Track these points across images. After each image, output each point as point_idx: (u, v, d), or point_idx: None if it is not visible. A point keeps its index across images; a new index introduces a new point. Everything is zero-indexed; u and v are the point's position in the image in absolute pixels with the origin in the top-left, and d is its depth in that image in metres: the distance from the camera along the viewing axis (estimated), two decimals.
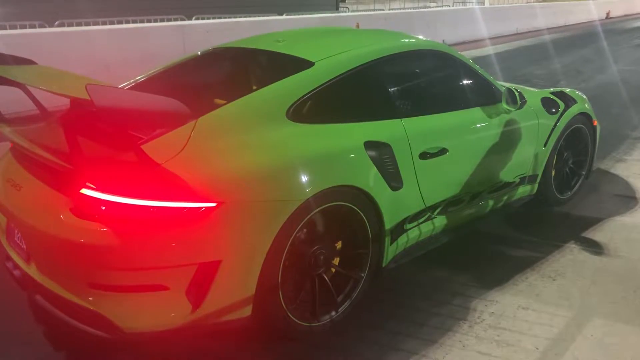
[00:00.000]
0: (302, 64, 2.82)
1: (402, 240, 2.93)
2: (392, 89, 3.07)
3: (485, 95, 3.47)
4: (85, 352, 2.53)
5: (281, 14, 11.50)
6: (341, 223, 2.63)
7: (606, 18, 26.33)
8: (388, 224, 2.77)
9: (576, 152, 4.14)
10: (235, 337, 2.55)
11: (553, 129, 3.79)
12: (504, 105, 3.40)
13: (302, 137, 2.52)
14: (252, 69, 3.28)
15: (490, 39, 15.52)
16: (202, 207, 2.14)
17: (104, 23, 8.93)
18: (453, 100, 3.34)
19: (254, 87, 2.80)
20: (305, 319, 2.54)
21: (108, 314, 2.14)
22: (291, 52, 3.07)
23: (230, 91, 2.82)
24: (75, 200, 2.15)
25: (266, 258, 2.29)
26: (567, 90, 4.16)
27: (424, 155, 2.90)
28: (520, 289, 3.01)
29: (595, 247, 3.49)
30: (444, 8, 21.81)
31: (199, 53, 3.48)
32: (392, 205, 2.76)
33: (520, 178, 3.67)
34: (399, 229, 2.88)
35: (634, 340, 2.59)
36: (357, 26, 10.43)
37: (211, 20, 9.85)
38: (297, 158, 2.43)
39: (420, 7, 24.33)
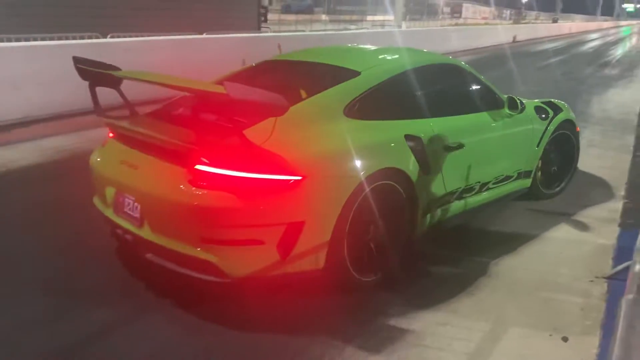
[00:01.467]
0: (350, 73, 3.49)
1: (429, 218, 3.53)
2: (421, 94, 3.72)
3: (491, 102, 4.16)
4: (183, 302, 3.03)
5: (201, 34, 11.34)
6: (388, 198, 3.18)
7: (513, 42, 28.10)
8: (420, 202, 3.37)
9: (563, 153, 4.80)
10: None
11: (544, 133, 4.50)
12: (507, 110, 4.14)
13: (358, 130, 3.16)
14: (311, 77, 3.78)
15: None
16: (291, 180, 2.75)
17: (9, 40, 8.40)
18: (467, 105, 4.01)
19: (316, 91, 3.31)
20: (361, 274, 3.12)
21: (217, 263, 2.71)
22: (339, 63, 3.74)
23: (296, 93, 3.35)
24: (191, 174, 2.74)
25: (337, 221, 2.88)
26: (554, 100, 4.87)
27: (446, 148, 3.56)
28: (440, 305, 3.06)
29: (508, 261, 3.63)
30: (363, 30, 22.48)
31: (254, 64, 4.14)
32: (423, 187, 3.39)
33: (517, 173, 4.33)
34: (427, 208, 3.48)
35: (548, 350, 2.70)
36: (279, 46, 10.45)
37: (130, 39, 9.53)
38: (357, 145, 3.04)
39: (341, 29, 24.91)
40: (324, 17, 34.42)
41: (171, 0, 15.62)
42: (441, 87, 3.99)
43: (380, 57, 4.14)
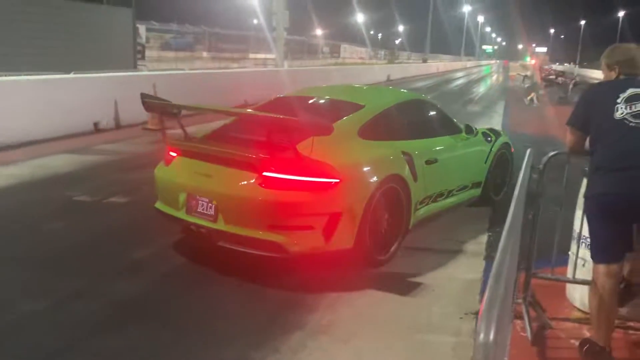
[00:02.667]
0: (357, 106, 4.60)
1: (416, 215, 4.51)
2: (407, 121, 4.96)
3: (453, 128, 5.39)
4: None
5: (69, 73, 10.66)
6: (393, 197, 4.18)
7: (387, 80, 29.76)
8: (412, 202, 4.37)
9: (502, 168, 5.99)
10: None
11: (489, 152, 5.68)
12: (464, 135, 5.36)
13: (370, 147, 4.25)
14: (327, 109, 4.88)
15: None
16: (332, 181, 3.71)
17: None
18: (437, 130, 5.20)
19: (335, 119, 4.27)
20: (377, 253, 4.11)
21: (283, 243, 3.63)
22: (345, 98, 4.98)
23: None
24: (261, 178, 3.67)
25: (363, 213, 3.85)
26: (494, 128, 6.35)
27: (427, 162, 4.61)
28: (315, 357, 2.96)
29: (384, 303, 3.64)
30: (246, 70, 22.56)
31: (272, 99, 5.15)
32: (414, 191, 4.37)
33: (472, 183, 5.44)
34: (415, 208, 4.47)
35: None
36: (154, 86, 10.10)
37: None
38: (371, 158, 4.15)
39: (223, 68, 24.82)
40: (205, 54, 34.07)
41: (39, 37, 14.66)
42: (420, 116, 5.32)
43: (374, 94, 5.88)
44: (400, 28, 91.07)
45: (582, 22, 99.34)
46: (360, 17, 70.66)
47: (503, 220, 2.21)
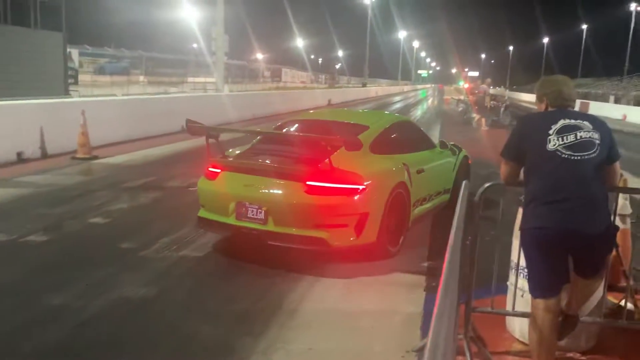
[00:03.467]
0: (364, 127, 5.46)
1: (413, 214, 5.43)
2: (400, 139, 5.89)
3: (429, 144, 6.48)
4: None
5: None
6: (399, 200, 5.06)
7: (328, 104, 30.02)
8: (411, 204, 5.29)
9: (464, 177, 6.70)
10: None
11: (455, 163, 6.77)
12: (439, 149, 6.49)
13: (380, 160, 5.17)
14: (340, 129, 5.43)
15: (226, 124, 16.04)
16: (359, 188, 4.61)
17: None
18: (421, 146, 6.20)
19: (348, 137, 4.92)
20: (390, 246, 4.99)
21: (327, 238, 4.54)
22: (351, 121, 5.91)
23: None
24: (305, 186, 4.54)
25: (383, 213, 4.77)
26: (455, 143, 7.16)
27: (417, 172, 5.50)
28: None
29: (322, 344, 3.47)
30: (183, 94, 22.10)
31: (286, 121, 6.15)
32: (412, 195, 5.26)
33: (444, 189, 6.40)
34: (412, 209, 5.36)
35: None
36: (83, 113, 9.65)
37: None
38: (384, 168, 5.12)
39: (161, 92, 24.22)
40: (142, 78, 33.18)
41: None
42: (408, 134, 6.22)
43: (372, 116, 7.16)
44: (340, 53, 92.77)
45: (510, 48, 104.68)
46: (300, 42, 71.47)
47: (441, 247, 2.10)
